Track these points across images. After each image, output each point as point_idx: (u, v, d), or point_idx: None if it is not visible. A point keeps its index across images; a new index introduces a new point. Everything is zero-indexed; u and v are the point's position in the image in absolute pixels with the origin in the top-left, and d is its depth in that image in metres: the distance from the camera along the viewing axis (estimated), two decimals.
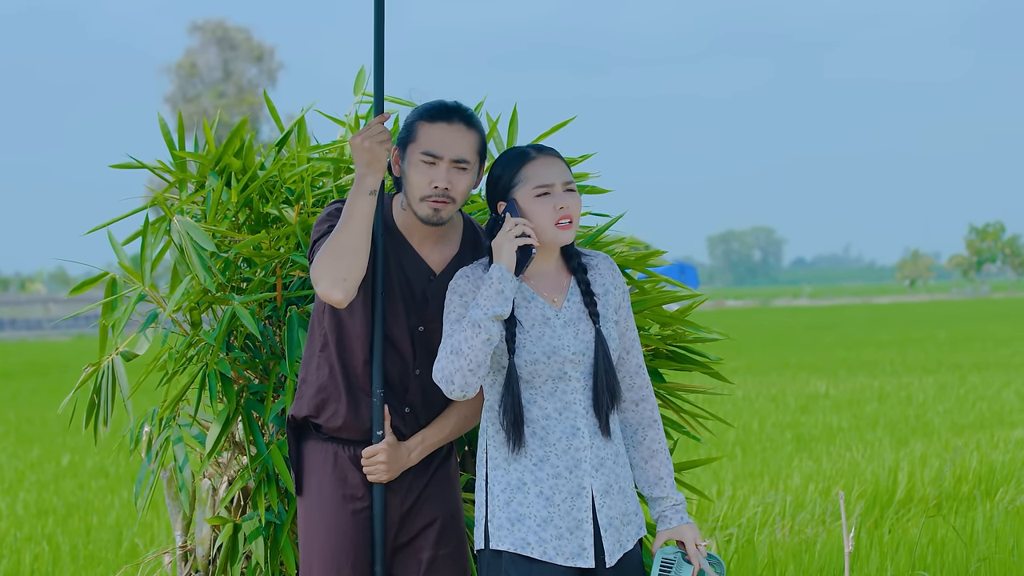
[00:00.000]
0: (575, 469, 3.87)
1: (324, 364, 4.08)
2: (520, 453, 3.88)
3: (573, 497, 3.86)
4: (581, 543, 3.86)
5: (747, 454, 13.28)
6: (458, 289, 3.91)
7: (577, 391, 3.90)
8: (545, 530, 3.85)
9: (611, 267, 4.03)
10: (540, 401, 3.88)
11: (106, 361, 4.73)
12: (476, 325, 3.76)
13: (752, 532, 8.63)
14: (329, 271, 3.87)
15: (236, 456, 4.81)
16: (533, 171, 3.89)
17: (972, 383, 21.37)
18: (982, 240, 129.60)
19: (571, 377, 3.89)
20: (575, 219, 3.90)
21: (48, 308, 70.35)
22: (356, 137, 3.91)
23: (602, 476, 3.90)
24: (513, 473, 3.88)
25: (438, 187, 3.94)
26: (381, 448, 4.01)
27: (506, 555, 3.86)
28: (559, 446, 3.87)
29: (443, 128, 3.97)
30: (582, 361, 3.89)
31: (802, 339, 38.95)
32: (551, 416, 3.88)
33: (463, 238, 4.12)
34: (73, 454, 15.30)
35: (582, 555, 3.86)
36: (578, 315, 3.92)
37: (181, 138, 4.84)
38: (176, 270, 4.72)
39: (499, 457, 3.91)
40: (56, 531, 10.05)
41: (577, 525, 3.86)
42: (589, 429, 3.90)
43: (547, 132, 4.87)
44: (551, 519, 3.85)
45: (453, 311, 3.89)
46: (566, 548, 3.85)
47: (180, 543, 4.90)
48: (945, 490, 10.18)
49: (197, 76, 75.29)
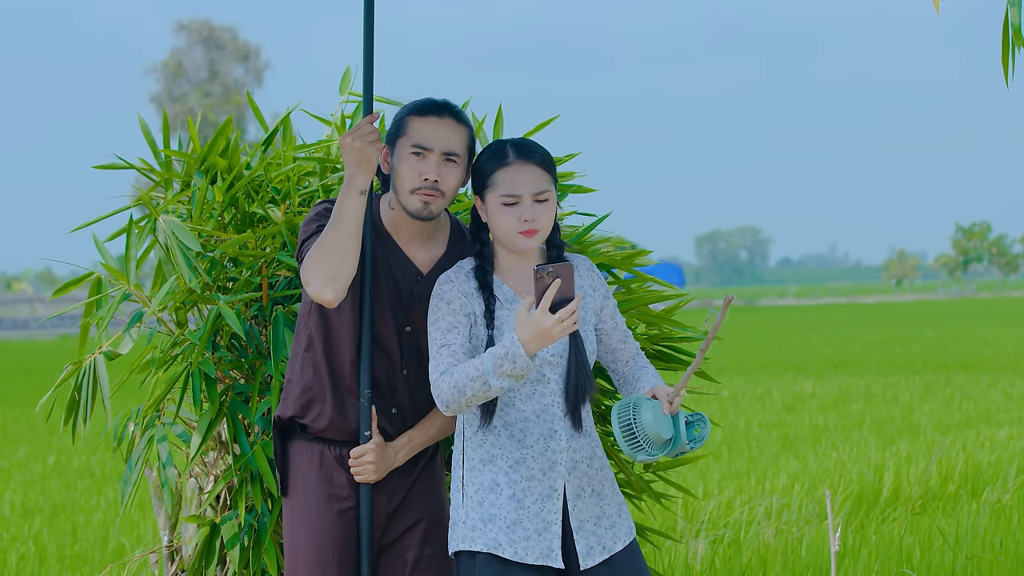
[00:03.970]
0: (549, 471, 3.88)
1: (309, 364, 4.08)
2: (497, 455, 3.88)
3: (543, 499, 3.87)
4: (549, 544, 3.86)
5: (733, 453, 13.29)
6: (444, 296, 3.89)
7: (555, 393, 3.90)
8: (515, 531, 3.85)
9: (589, 269, 4.03)
10: (518, 404, 3.89)
11: (88, 360, 4.72)
12: (486, 384, 3.73)
13: (738, 532, 8.63)
14: (320, 271, 3.87)
15: (223, 456, 4.80)
16: (505, 178, 3.86)
17: (958, 383, 21.40)
18: (968, 240, 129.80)
19: (549, 379, 3.89)
20: (543, 229, 3.87)
21: (34, 308, 70.20)
22: (346, 137, 3.90)
23: (575, 479, 3.91)
24: (487, 474, 3.89)
25: (428, 179, 3.94)
26: (369, 448, 4.01)
27: (480, 556, 3.87)
28: (536, 448, 3.88)
29: (433, 122, 3.97)
30: (559, 363, 3.89)
31: (788, 339, 38.98)
32: (529, 419, 3.89)
33: (450, 237, 4.12)
34: (59, 454, 15.27)
35: (550, 556, 3.85)
36: None
37: (166, 138, 4.83)
38: (161, 269, 4.72)
39: (475, 458, 3.91)
40: (42, 531, 10.03)
41: (545, 527, 3.86)
42: (566, 431, 3.90)
43: (531, 131, 4.87)
44: (520, 521, 3.86)
45: (442, 318, 3.87)
46: (535, 549, 3.85)
47: (166, 543, 4.90)
48: (931, 489, 10.19)
49: (183, 76, 75.18)
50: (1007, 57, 3.72)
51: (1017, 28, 3.66)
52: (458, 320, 3.87)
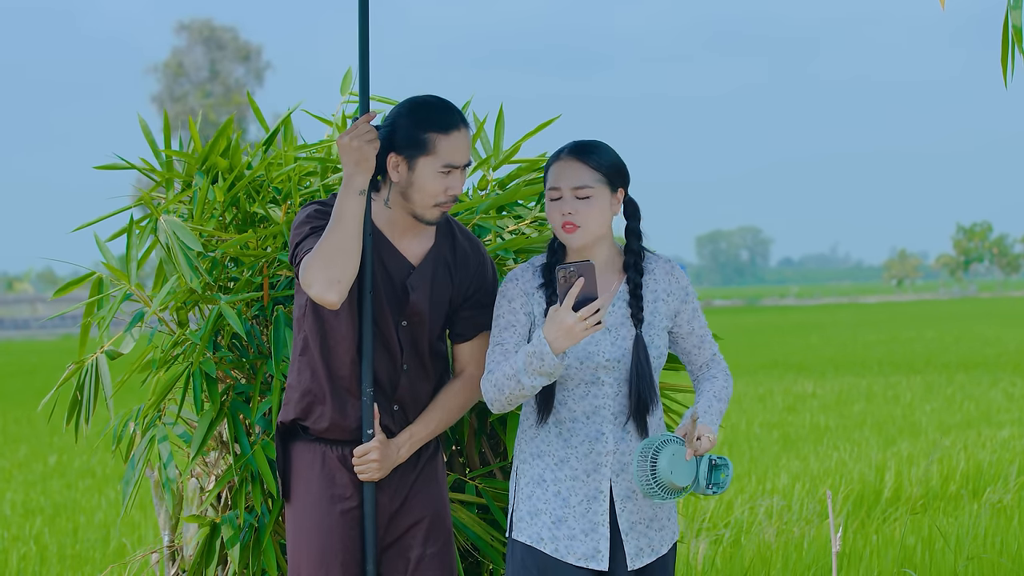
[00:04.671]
0: (593, 473, 3.89)
1: (306, 368, 4.08)
2: (545, 451, 3.92)
3: (590, 500, 3.89)
4: (596, 546, 3.88)
5: (735, 454, 13.29)
6: (507, 293, 3.95)
7: (608, 396, 3.90)
8: (559, 528, 3.88)
9: (668, 273, 4.00)
10: (570, 403, 3.91)
11: (89, 360, 4.72)
12: (519, 383, 3.78)
13: (740, 532, 8.63)
14: (323, 274, 3.86)
15: (224, 455, 4.80)
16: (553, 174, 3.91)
17: (959, 382, 21.41)
18: (969, 240, 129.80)
19: (604, 382, 3.90)
20: (584, 225, 3.87)
21: (35, 308, 70.27)
22: (343, 137, 3.89)
23: (623, 480, 3.90)
24: (536, 468, 3.93)
25: (453, 194, 3.97)
26: (372, 447, 4.01)
27: (523, 546, 3.92)
28: (581, 448, 3.90)
29: (457, 138, 3.96)
30: (617, 367, 3.90)
31: (789, 339, 38.98)
32: (578, 419, 3.90)
33: (437, 229, 4.13)
34: (60, 454, 15.28)
35: (596, 557, 3.88)
36: (621, 320, 3.92)
37: (167, 138, 4.83)
38: (162, 269, 4.72)
39: (527, 452, 3.96)
40: (43, 531, 10.04)
41: (592, 528, 3.88)
42: (614, 434, 3.90)
43: (532, 131, 4.87)
44: (566, 519, 3.89)
45: (501, 316, 3.94)
46: (579, 549, 3.87)
47: (167, 542, 4.90)
48: (932, 489, 10.20)
49: (184, 76, 75.20)
50: (1007, 58, 3.73)
51: (1018, 29, 3.66)
52: (517, 319, 3.92)
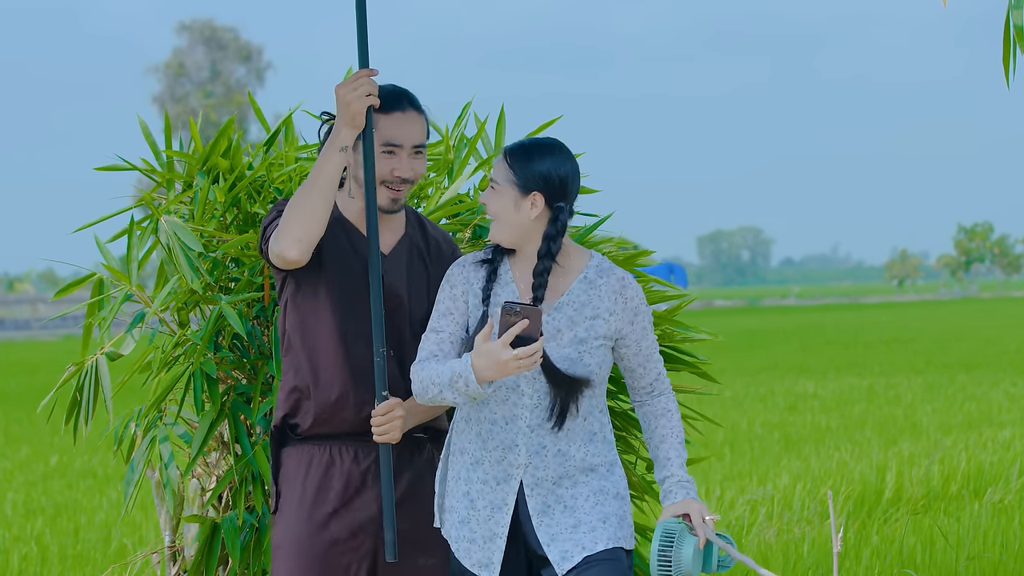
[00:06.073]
0: (503, 482, 3.80)
1: (291, 367, 4.07)
2: (466, 448, 3.83)
3: (494, 509, 3.80)
4: (491, 556, 3.79)
5: (736, 454, 13.29)
6: (451, 279, 3.87)
7: (526, 407, 3.78)
8: (462, 529, 3.83)
9: (618, 291, 3.82)
10: (492, 404, 3.80)
11: (90, 361, 4.72)
12: (442, 394, 3.70)
13: (741, 532, 8.63)
14: (288, 229, 3.84)
15: (224, 456, 4.80)
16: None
17: (961, 383, 21.41)
18: (970, 240, 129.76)
19: (523, 392, 3.78)
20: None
21: (36, 308, 70.29)
22: (343, 87, 3.86)
23: (538, 495, 3.79)
24: (457, 464, 3.86)
25: (400, 176, 3.96)
26: (396, 402, 3.90)
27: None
28: (495, 454, 3.81)
29: (399, 117, 3.97)
30: (539, 379, 3.77)
31: (790, 339, 38.97)
32: (497, 422, 3.80)
33: (407, 220, 4.14)
34: (61, 454, 15.29)
35: (488, 567, 3.79)
36: (551, 333, 3.77)
37: (168, 138, 4.83)
38: (163, 270, 4.72)
39: (455, 445, 3.88)
40: (44, 531, 10.04)
41: (491, 537, 3.80)
42: (528, 447, 3.79)
43: (534, 131, 4.87)
44: (469, 521, 3.82)
45: (441, 302, 3.85)
46: (475, 555, 3.81)
47: (168, 543, 4.90)
48: (934, 490, 10.20)
49: (185, 76, 75.25)
50: (1008, 58, 3.73)
51: (1019, 29, 3.66)
52: (456, 306, 3.83)
